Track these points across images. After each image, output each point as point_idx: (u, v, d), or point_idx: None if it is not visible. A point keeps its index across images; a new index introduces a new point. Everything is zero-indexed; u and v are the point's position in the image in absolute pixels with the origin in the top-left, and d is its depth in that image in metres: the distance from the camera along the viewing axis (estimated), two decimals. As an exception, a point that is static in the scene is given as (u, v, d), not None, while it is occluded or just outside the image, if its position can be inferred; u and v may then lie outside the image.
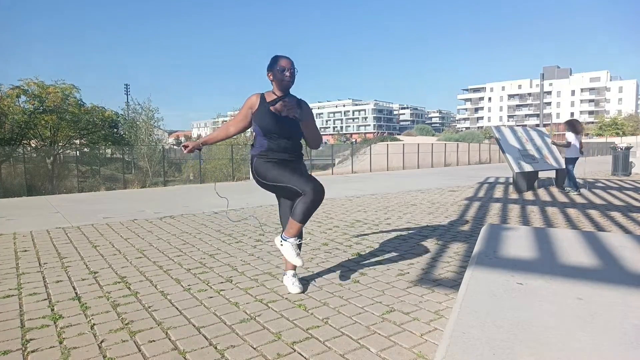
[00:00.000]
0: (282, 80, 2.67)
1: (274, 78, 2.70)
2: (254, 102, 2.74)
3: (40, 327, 2.35)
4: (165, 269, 3.44)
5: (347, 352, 2.02)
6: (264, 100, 2.71)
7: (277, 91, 2.73)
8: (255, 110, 2.72)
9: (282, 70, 2.66)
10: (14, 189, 17.55)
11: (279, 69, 2.67)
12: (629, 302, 2.06)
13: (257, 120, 2.71)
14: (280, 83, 2.69)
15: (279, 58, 2.70)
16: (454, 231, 4.82)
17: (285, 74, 2.66)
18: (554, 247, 3.14)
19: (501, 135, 9.01)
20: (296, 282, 2.88)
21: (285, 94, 2.74)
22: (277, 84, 2.71)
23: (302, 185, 2.60)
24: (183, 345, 2.11)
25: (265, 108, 2.69)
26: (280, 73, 2.67)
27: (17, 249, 4.15)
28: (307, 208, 2.60)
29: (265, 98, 2.72)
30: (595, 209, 6.32)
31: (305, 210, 2.61)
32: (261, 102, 2.71)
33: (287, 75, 2.67)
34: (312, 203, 2.60)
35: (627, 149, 13.40)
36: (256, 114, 2.71)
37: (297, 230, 2.68)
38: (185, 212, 6.37)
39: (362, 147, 29.37)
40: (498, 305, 2.07)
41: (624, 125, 66.46)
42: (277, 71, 2.67)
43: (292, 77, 2.69)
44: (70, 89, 24.96)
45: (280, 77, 2.67)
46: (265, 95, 2.74)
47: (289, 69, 2.67)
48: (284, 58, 2.70)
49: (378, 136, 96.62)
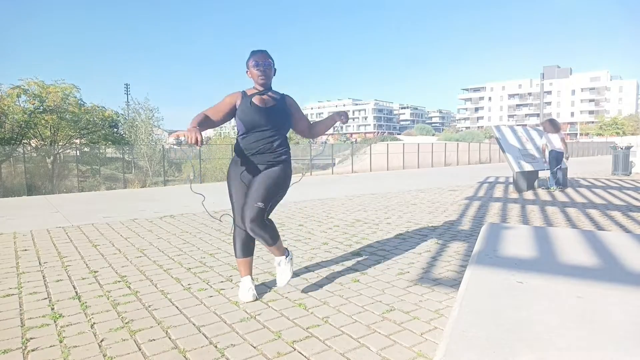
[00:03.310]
0: (257, 75, 2.64)
1: (251, 74, 2.67)
2: (235, 97, 2.67)
3: (41, 326, 2.35)
4: (166, 268, 3.44)
5: (348, 351, 2.02)
6: (245, 96, 2.67)
7: (257, 86, 2.70)
8: (238, 106, 2.65)
9: (255, 65, 2.63)
10: (14, 189, 17.55)
11: (253, 63, 2.64)
12: (628, 300, 2.06)
13: (240, 115, 2.63)
14: (256, 78, 2.66)
15: (253, 53, 2.67)
16: (454, 230, 4.82)
17: (259, 68, 2.62)
18: (554, 246, 3.14)
19: (501, 134, 9.01)
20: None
21: (266, 89, 2.70)
22: (255, 80, 2.68)
23: (233, 213, 2.69)
24: (183, 344, 2.11)
25: (247, 102, 2.64)
26: (255, 68, 2.63)
27: (18, 248, 4.15)
28: (234, 243, 2.76)
29: (246, 93, 2.69)
30: (595, 209, 6.32)
31: (234, 245, 2.75)
32: (243, 97, 2.67)
33: (260, 70, 2.62)
34: (233, 237, 2.73)
35: (627, 148, 13.40)
36: (239, 110, 2.64)
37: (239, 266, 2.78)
38: (186, 212, 6.37)
39: (362, 147, 29.35)
40: (498, 304, 2.07)
41: (624, 125, 66.49)
42: (251, 66, 2.65)
43: (265, 70, 2.63)
44: (71, 88, 24.94)
45: (255, 72, 2.64)
46: (247, 92, 2.71)
47: (262, 63, 2.63)
48: (257, 52, 2.66)
49: (378, 136, 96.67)
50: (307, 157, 24.88)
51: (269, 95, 2.70)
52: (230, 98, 2.68)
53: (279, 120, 2.67)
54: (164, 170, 20.80)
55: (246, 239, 2.72)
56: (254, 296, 2.68)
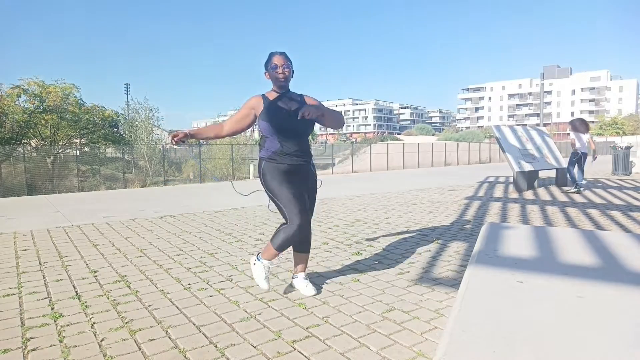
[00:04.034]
0: (276, 78, 2.65)
1: (270, 76, 2.68)
2: (256, 103, 2.69)
3: (41, 325, 2.35)
4: (166, 267, 3.44)
5: (348, 351, 2.02)
6: (267, 100, 2.68)
7: (277, 89, 2.70)
8: (261, 111, 2.66)
9: (274, 68, 2.64)
10: (14, 188, 17.55)
11: (272, 66, 2.64)
12: (629, 300, 2.06)
13: (267, 118, 2.62)
14: (275, 81, 2.67)
15: (272, 55, 2.67)
16: (454, 230, 4.82)
17: (278, 71, 2.63)
18: (554, 246, 3.14)
19: (501, 134, 9.01)
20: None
21: (285, 90, 2.71)
22: (273, 82, 2.69)
23: (291, 214, 2.57)
24: (183, 344, 2.11)
25: (272, 106, 2.65)
26: (274, 71, 2.64)
27: (18, 248, 4.15)
28: (286, 239, 2.61)
29: (267, 97, 2.70)
30: (595, 208, 6.32)
31: (284, 241, 2.62)
32: (265, 101, 2.67)
33: (279, 72, 2.63)
34: (292, 237, 2.61)
35: (627, 148, 13.39)
36: (264, 114, 2.64)
37: (273, 255, 2.68)
38: (186, 212, 6.37)
39: (362, 147, 29.35)
40: (498, 303, 2.07)
41: (624, 125, 66.46)
42: (270, 69, 2.65)
43: (285, 73, 2.65)
44: (71, 88, 24.93)
45: (274, 75, 2.65)
46: (267, 95, 2.71)
47: (282, 66, 2.64)
48: (276, 55, 2.67)
49: (378, 136, 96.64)
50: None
51: (289, 97, 2.70)
52: (251, 102, 2.70)
53: (304, 122, 2.65)
54: (164, 170, 20.83)
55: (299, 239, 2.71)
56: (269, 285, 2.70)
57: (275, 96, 2.69)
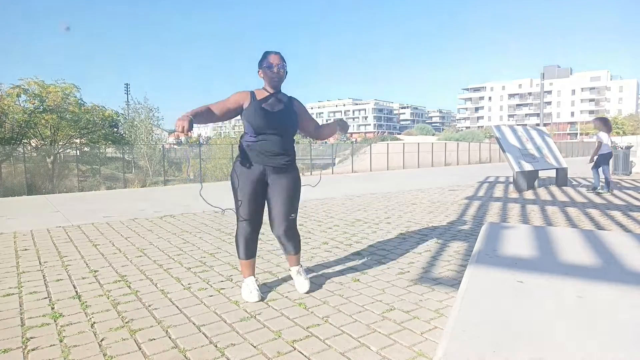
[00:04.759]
0: (271, 77, 2.64)
1: (264, 75, 2.67)
2: (244, 97, 2.64)
3: (41, 325, 2.35)
4: (166, 267, 3.44)
5: (348, 351, 2.02)
6: (254, 97, 2.65)
7: (268, 88, 2.69)
8: (246, 107, 2.63)
9: (270, 67, 2.63)
10: (15, 188, 17.55)
11: (267, 65, 2.63)
12: (629, 300, 2.06)
13: (248, 117, 2.60)
14: (269, 80, 2.66)
15: (267, 54, 2.66)
16: (454, 230, 4.82)
17: (273, 70, 2.62)
18: (554, 246, 3.14)
19: (501, 134, 9.01)
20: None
21: (276, 91, 2.70)
22: (267, 81, 2.67)
23: (237, 213, 2.66)
24: (183, 344, 2.11)
25: (257, 105, 2.62)
26: (269, 70, 2.63)
27: (18, 248, 4.15)
28: (237, 240, 2.73)
29: (255, 95, 2.67)
30: (595, 208, 6.32)
31: (237, 243, 2.74)
32: (252, 99, 2.65)
33: (274, 71, 2.62)
34: (239, 234, 2.71)
35: (628, 148, 13.39)
36: (247, 111, 2.62)
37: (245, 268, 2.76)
38: (186, 212, 6.37)
39: (363, 147, 29.36)
40: (498, 303, 2.07)
41: (624, 125, 66.44)
42: (265, 68, 2.64)
43: (280, 73, 2.64)
44: (71, 88, 24.94)
45: (269, 74, 2.63)
46: (256, 93, 2.69)
47: (277, 65, 2.63)
48: (272, 54, 2.66)
49: (378, 135, 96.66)
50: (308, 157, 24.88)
51: (277, 97, 2.69)
52: (238, 96, 2.65)
53: (286, 124, 2.66)
54: (164, 169, 20.83)
55: (250, 240, 2.72)
56: (259, 296, 2.67)
57: (263, 95, 2.67)
